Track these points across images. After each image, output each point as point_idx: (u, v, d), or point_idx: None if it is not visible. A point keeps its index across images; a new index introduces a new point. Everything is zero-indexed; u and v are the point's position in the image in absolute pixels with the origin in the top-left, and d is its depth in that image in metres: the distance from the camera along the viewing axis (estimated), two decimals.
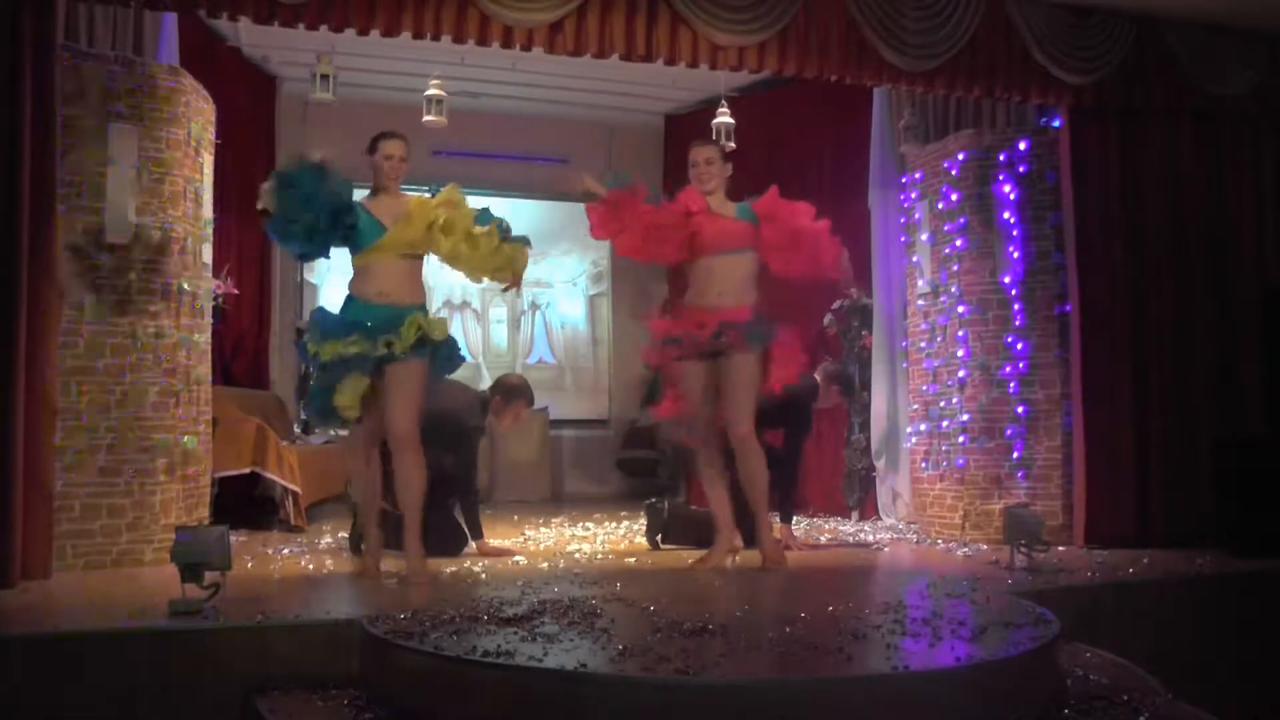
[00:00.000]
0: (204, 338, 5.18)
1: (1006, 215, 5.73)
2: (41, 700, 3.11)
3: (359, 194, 4.44)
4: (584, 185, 4.69)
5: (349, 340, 4.26)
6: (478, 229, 4.41)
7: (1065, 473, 5.59)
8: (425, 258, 4.51)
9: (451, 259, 4.47)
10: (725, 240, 4.67)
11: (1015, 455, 5.64)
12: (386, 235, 4.33)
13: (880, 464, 6.74)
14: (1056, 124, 5.78)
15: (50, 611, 3.68)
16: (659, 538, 5.52)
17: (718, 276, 4.68)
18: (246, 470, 5.90)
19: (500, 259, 4.48)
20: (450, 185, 4.49)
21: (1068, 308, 5.63)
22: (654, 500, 5.79)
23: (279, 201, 4.18)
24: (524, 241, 4.54)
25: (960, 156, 5.87)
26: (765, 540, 4.71)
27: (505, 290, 4.76)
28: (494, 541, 5.27)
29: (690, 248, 4.71)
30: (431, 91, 7.14)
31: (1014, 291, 5.71)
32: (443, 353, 4.47)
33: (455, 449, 5.09)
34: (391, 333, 4.27)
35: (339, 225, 4.28)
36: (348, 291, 4.45)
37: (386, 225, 4.35)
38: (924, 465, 6.07)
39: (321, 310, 4.66)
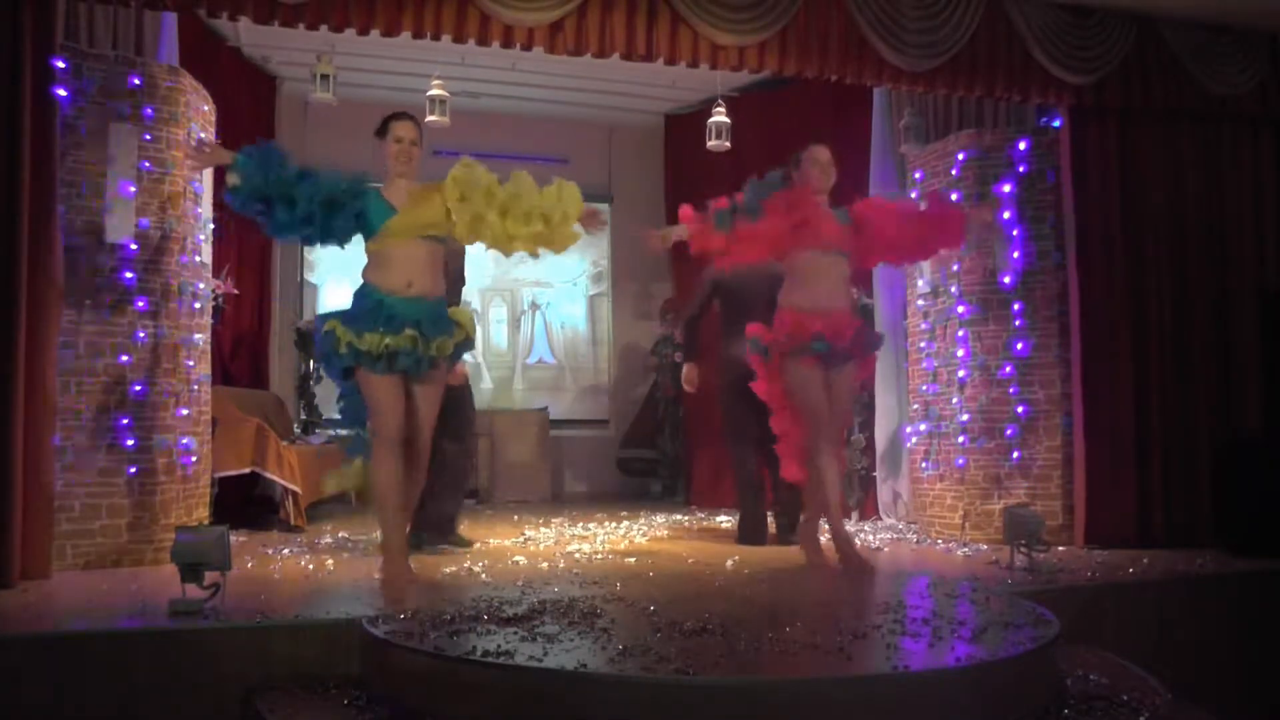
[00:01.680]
0: (204, 338, 5.19)
1: (1006, 215, 5.73)
2: (41, 700, 3.12)
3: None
4: (664, 240, 4.74)
5: (403, 335, 3.97)
6: (501, 188, 4.14)
7: (1065, 473, 5.59)
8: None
9: (477, 231, 4.18)
10: (837, 239, 4.71)
11: (1015, 455, 5.64)
12: (400, 214, 4.11)
13: (881, 464, 6.74)
14: (1057, 124, 5.79)
15: (50, 611, 3.67)
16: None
17: (829, 276, 4.69)
18: (246, 470, 5.90)
19: (539, 219, 4.16)
20: (462, 158, 4.26)
21: (1068, 308, 5.63)
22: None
23: (244, 172, 3.93)
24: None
25: (960, 156, 5.87)
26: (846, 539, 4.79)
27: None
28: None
29: (797, 240, 4.67)
30: (434, 92, 7.14)
31: (1014, 291, 5.71)
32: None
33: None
34: (440, 333, 4.09)
35: (326, 203, 4.01)
36: (363, 281, 4.16)
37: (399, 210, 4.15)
38: (924, 465, 6.07)
39: (355, 298, 4.21)
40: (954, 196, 5.87)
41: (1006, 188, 5.73)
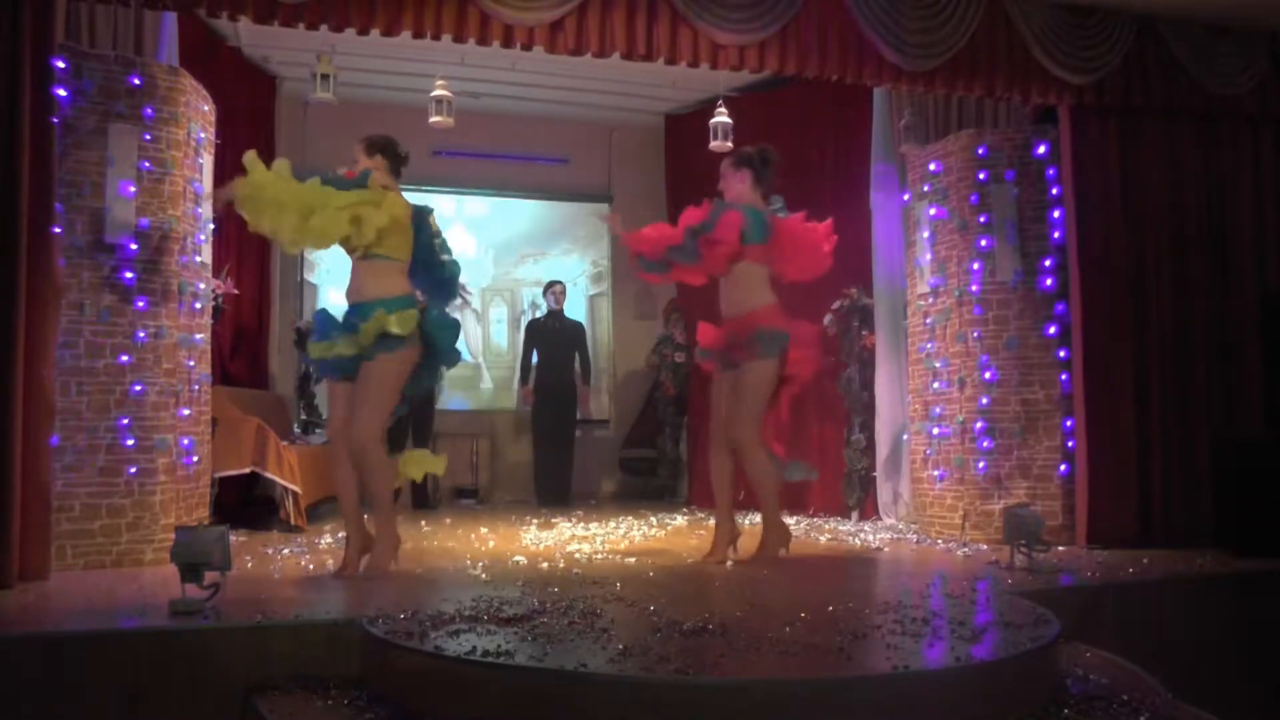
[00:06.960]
0: (204, 338, 5.19)
1: (1006, 215, 5.73)
2: (41, 700, 3.11)
3: None
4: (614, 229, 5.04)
5: (330, 343, 4.35)
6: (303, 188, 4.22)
7: (1066, 473, 5.59)
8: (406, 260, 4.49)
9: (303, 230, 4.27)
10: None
11: (1015, 455, 5.64)
12: None
13: (882, 464, 6.74)
14: (1057, 124, 5.78)
15: (50, 611, 3.67)
16: None
17: (729, 283, 4.91)
18: (246, 470, 5.90)
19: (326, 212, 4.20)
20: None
21: (1068, 308, 5.63)
22: None
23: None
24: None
25: (960, 157, 5.86)
26: (769, 531, 4.93)
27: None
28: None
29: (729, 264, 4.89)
30: (438, 92, 7.14)
31: (1014, 291, 5.71)
32: (443, 343, 4.49)
33: None
34: (358, 331, 4.29)
35: None
36: None
37: None
38: (924, 465, 6.06)
39: (322, 311, 4.69)
40: (954, 197, 5.88)
41: (1006, 188, 5.73)
